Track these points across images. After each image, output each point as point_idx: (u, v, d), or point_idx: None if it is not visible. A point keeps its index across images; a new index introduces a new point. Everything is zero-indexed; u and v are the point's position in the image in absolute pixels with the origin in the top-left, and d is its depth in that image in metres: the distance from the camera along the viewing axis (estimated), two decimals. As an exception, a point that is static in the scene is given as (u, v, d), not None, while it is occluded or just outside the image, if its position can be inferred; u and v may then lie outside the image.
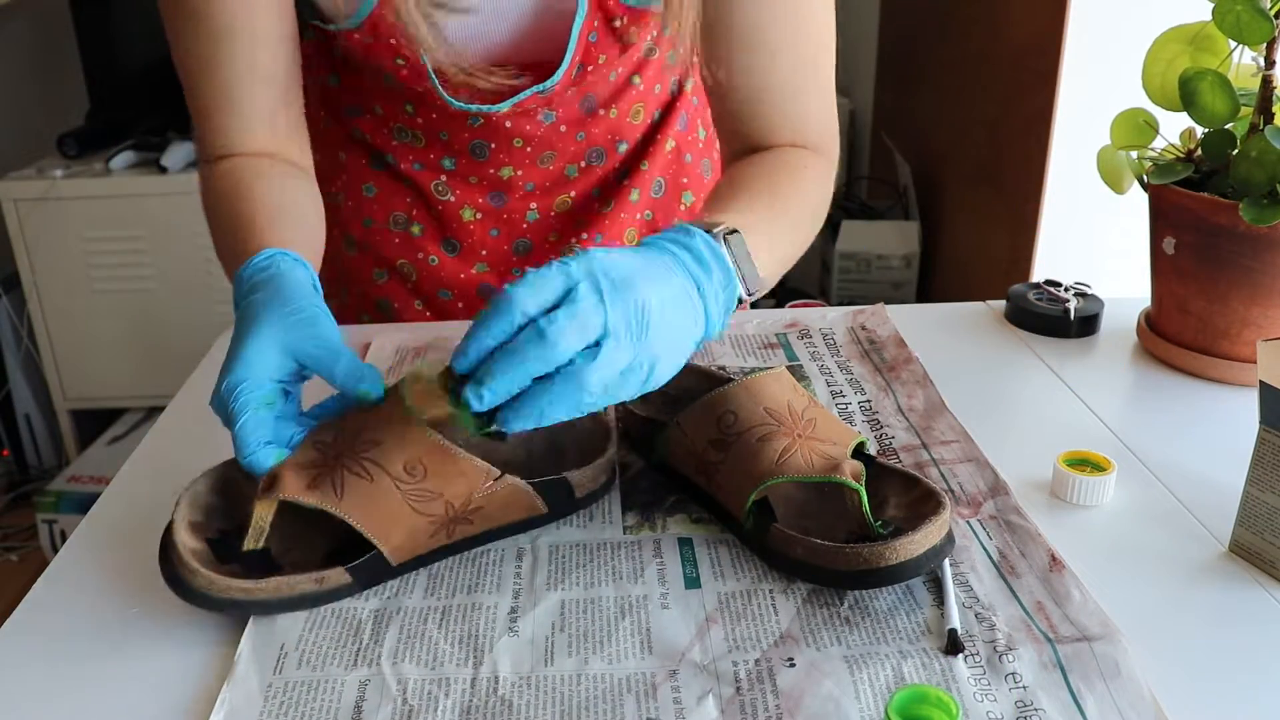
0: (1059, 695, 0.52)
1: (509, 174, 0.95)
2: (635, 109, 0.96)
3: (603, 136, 0.96)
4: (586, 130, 0.94)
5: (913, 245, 2.39)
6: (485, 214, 0.97)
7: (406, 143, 0.94)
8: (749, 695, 0.52)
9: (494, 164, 0.94)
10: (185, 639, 0.58)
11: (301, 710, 0.53)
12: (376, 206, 0.98)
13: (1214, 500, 0.68)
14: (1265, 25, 0.75)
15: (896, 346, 0.88)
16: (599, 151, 0.97)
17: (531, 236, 0.99)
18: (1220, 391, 0.83)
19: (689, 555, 0.63)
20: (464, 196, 0.96)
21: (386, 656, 0.56)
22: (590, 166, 0.97)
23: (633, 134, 0.98)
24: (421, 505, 0.60)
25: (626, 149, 0.99)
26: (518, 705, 0.52)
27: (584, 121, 0.94)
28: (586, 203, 0.99)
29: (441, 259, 0.99)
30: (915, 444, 0.74)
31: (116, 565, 0.64)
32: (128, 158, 2.31)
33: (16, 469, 2.56)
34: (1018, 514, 0.65)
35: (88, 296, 2.33)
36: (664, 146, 1.00)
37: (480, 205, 0.97)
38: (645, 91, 0.96)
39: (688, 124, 1.02)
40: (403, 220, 0.98)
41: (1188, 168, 0.81)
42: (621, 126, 0.97)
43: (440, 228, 0.98)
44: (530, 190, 0.97)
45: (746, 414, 0.65)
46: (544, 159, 0.94)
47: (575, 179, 0.97)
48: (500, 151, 0.93)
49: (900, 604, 0.58)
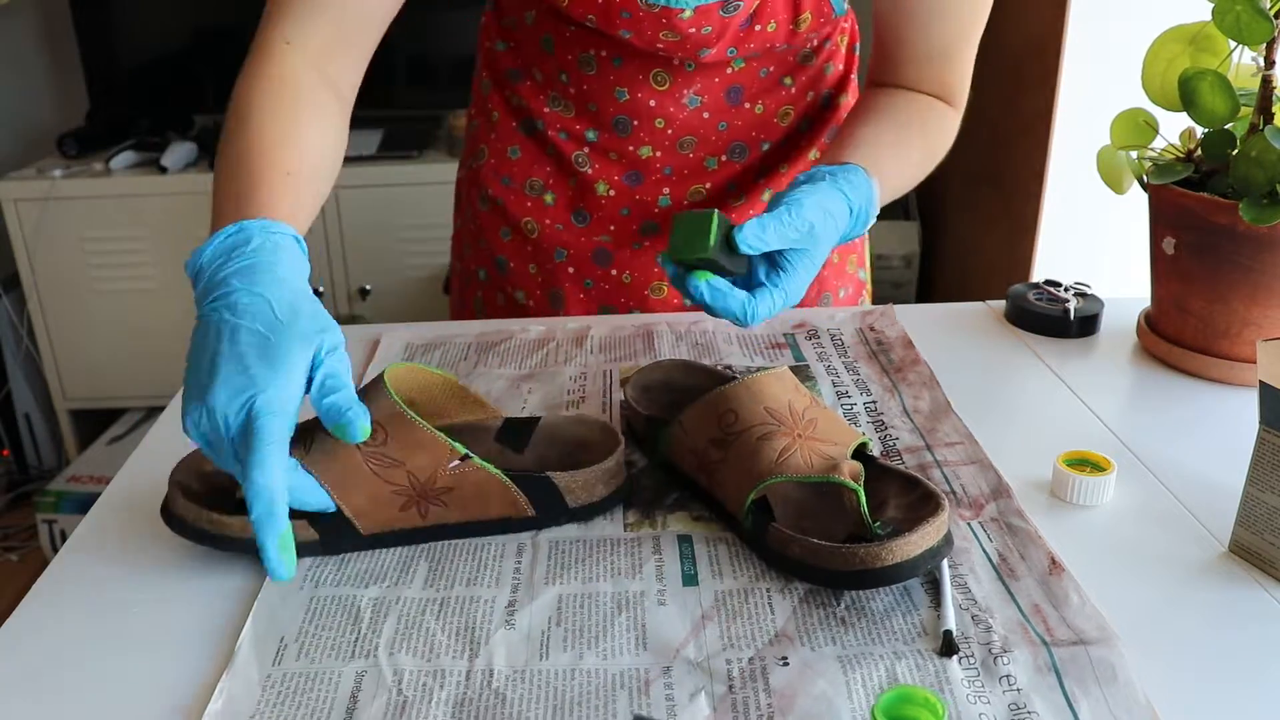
0: (1053, 699, 0.52)
1: (648, 154, 0.96)
2: (784, 110, 0.97)
3: (746, 131, 0.96)
4: (729, 121, 0.95)
5: (913, 245, 2.39)
6: (619, 191, 0.99)
7: (558, 110, 0.97)
8: (741, 693, 0.52)
9: (634, 141, 0.96)
10: (185, 638, 0.58)
11: (298, 701, 0.53)
12: (517, 169, 1.01)
13: (1214, 500, 0.68)
14: (1265, 25, 0.75)
15: (904, 348, 0.88)
16: (741, 147, 0.97)
17: (660, 220, 1.00)
18: (1220, 391, 0.82)
19: (688, 553, 0.63)
20: (602, 170, 0.98)
21: (384, 647, 0.56)
22: (730, 161, 0.98)
23: (778, 134, 0.98)
24: (382, 470, 0.61)
25: (769, 148, 0.99)
26: (511, 699, 0.52)
27: (728, 112, 0.94)
28: (720, 197, 0.99)
29: (567, 226, 1.01)
30: (919, 445, 0.74)
31: (116, 565, 0.64)
32: (128, 158, 2.31)
33: (16, 469, 2.56)
34: (1019, 516, 0.65)
35: (88, 296, 2.33)
36: (807, 154, 1.00)
37: (616, 182, 0.98)
38: (797, 94, 0.97)
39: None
40: (539, 187, 1.01)
41: (1188, 168, 0.81)
42: (768, 125, 0.97)
43: (575, 198, 1.00)
44: (667, 174, 0.98)
45: (747, 413, 0.65)
46: (683, 144, 0.96)
47: (714, 171, 0.98)
48: (642, 129, 0.94)
49: (897, 605, 0.58)
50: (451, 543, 0.65)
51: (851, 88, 1.02)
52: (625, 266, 1.01)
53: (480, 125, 1.04)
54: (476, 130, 1.05)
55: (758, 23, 0.86)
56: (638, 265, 1.00)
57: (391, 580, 0.61)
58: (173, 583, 0.62)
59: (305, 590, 0.61)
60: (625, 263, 1.00)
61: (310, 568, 0.63)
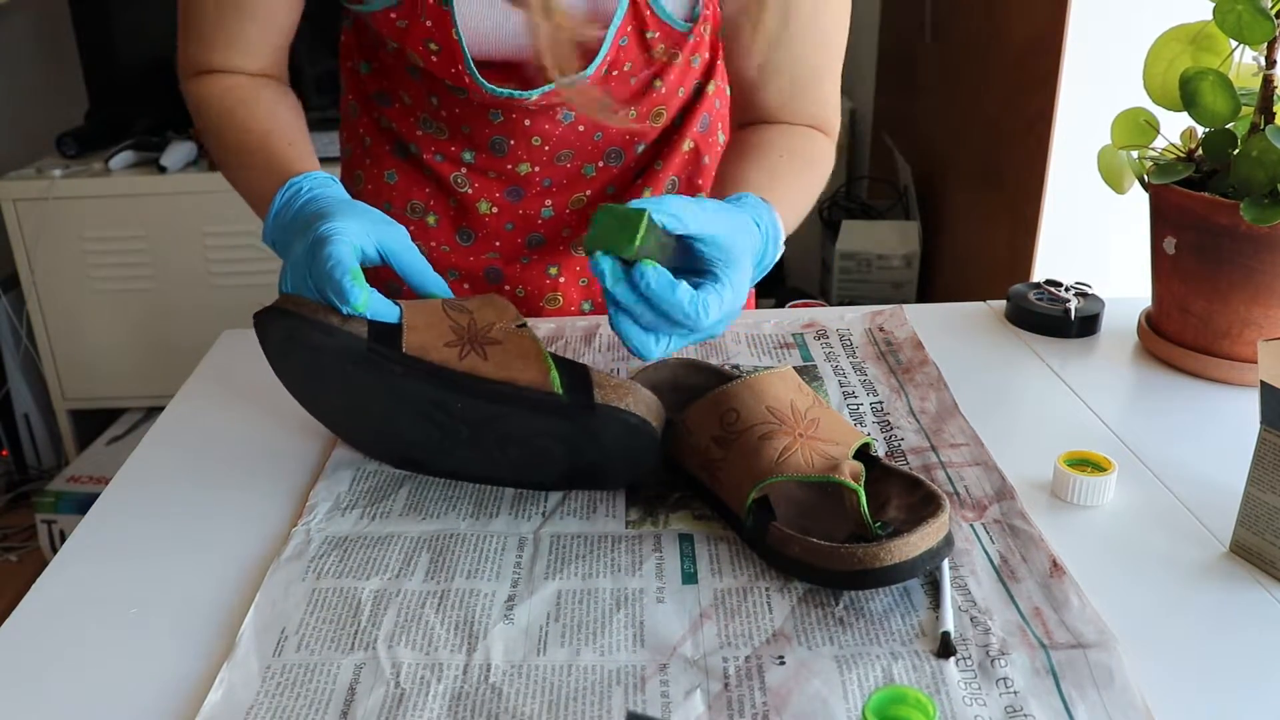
0: (1050, 702, 0.51)
1: (526, 170, 0.96)
2: (656, 111, 0.97)
3: (620, 137, 0.96)
4: (604, 129, 0.95)
5: (913, 245, 2.39)
6: (501, 208, 0.98)
7: (430, 133, 0.96)
8: (736, 692, 0.52)
9: (512, 159, 0.95)
10: (186, 639, 0.58)
11: (297, 692, 0.53)
12: (396, 193, 1.00)
13: (1214, 500, 0.68)
14: (1266, 25, 0.75)
15: (913, 348, 0.88)
16: (617, 152, 0.97)
17: (545, 232, 1.00)
18: (1221, 391, 0.82)
19: (688, 551, 0.63)
20: (482, 189, 0.97)
21: (383, 640, 0.56)
22: (607, 166, 0.98)
23: (652, 134, 0.98)
24: (452, 311, 0.68)
25: (644, 149, 0.99)
26: (507, 693, 0.53)
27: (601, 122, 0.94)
28: (601, 200, 0.99)
29: (454, 247, 1.00)
30: (924, 446, 0.74)
31: (116, 565, 0.64)
32: (127, 158, 2.31)
33: (16, 469, 2.55)
34: (1022, 518, 0.65)
35: (88, 296, 2.32)
36: (681, 147, 1.00)
37: (497, 200, 0.98)
38: (668, 94, 0.96)
39: (709, 126, 1.02)
40: (420, 209, 1.00)
41: (1188, 168, 0.81)
42: (641, 128, 0.97)
43: (456, 218, 1.00)
44: (547, 187, 0.97)
45: (749, 412, 0.65)
46: (561, 157, 0.95)
47: (592, 178, 0.98)
48: (519, 148, 0.94)
49: (896, 605, 0.58)
50: (454, 534, 0.65)
51: (719, 72, 1.02)
52: (517, 281, 1.01)
53: (354, 151, 1.03)
54: (350, 157, 1.04)
55: (614, 69, 0.86)
56: (529, 279, 1.01)
57: (393, 572, 0.62)
58: (173, 583, 0.62)
59: (307, 582, 0.61)
60: (516, 278, 1.01)
61: (313, 559, 0.63)
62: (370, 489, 0.70)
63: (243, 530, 0.67)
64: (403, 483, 0.71)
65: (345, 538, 0.65)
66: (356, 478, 0.72)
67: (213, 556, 0.64)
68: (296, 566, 0.62)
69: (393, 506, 0.69)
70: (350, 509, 0.68)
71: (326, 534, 0.66)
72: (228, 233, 2.29)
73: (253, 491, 0.71)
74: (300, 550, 0.64)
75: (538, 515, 0.67)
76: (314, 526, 0.66)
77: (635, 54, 0.86)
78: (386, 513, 0.68)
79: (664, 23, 0.85)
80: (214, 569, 0.63)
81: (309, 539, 0.65)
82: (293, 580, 0.61)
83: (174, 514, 0.69)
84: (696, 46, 0.97)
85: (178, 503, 0.70)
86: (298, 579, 0.61)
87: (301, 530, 0.66)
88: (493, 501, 0.69)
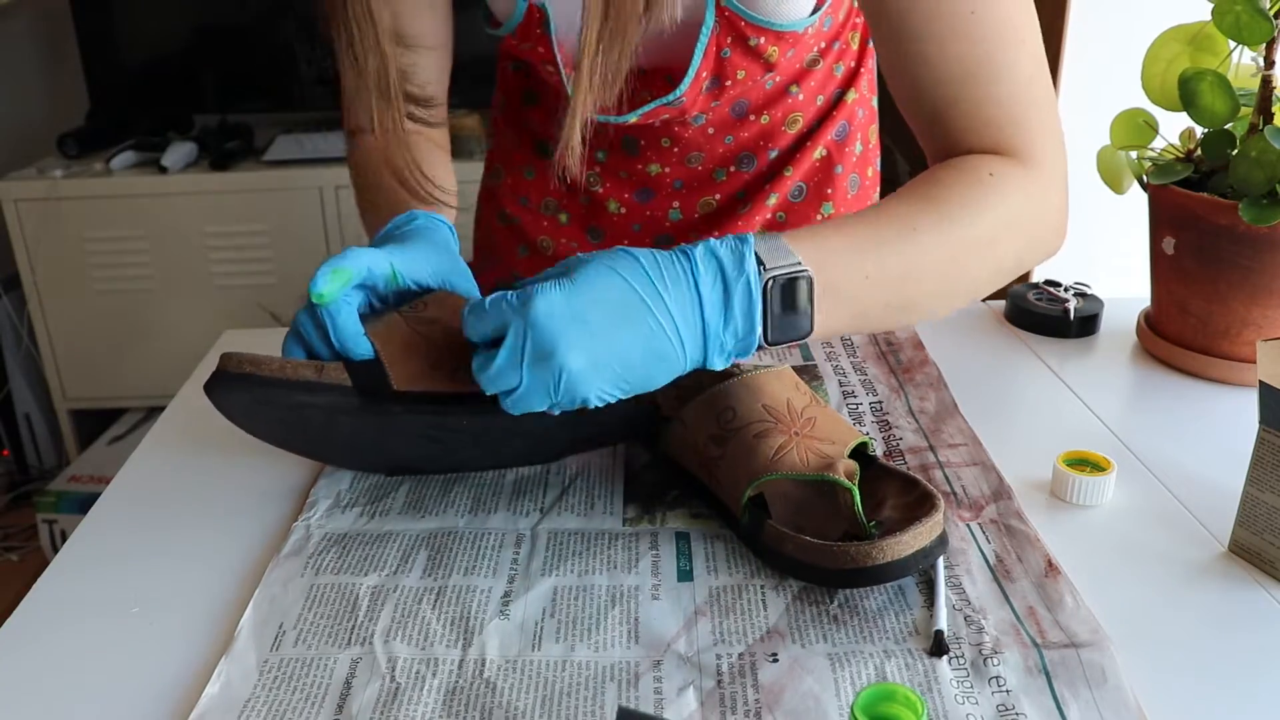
0: (1042, 701, 0.51)
1: (656, 171, 0.97)
2: (792, 117, 0.96)
3: (753, 142, 0.96)
4: (735, 135, 0.95)
5: (914, 247, 2.38)
6: (630, 209, 0.99)
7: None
8: (729, 688, 0.52)
9: (643, 160, 0.96)
10: (186, 634, 0.58)
11: (293, 686, 0.53)
12: (533, 189, 1.03)
13: (1214, 500, 0.68)
14: (1265, 25, 0.75)
15: (914, 348, 0.88)
16: (748, 156, 0.97)
17: (673, 233, 1.00)
18: (1220, 391, 0.82)
19: (684, 549, 0.63)
20: (613, 189, 0.99)
21: (379, 635, 0.56)
22: (739, 171, 0.98)
23: (786, 141, 0.98)
24: (421, 326, 0.65)
25: (777, 155, 0.98)
26: (501, 688, 0.53)
27: (733, 126, 0.94)
28: (730, 204, 0.99)
29: (582, 244, 1.02)
30: (922, 446, 0.74)
31: (116, 565, 0.64)
32: (128, 158, 2.31)
33: (16, 469, 2.56)
34: (1019, 518, 0.65)
35: (88, 296, 2.33)
36: (812, 154, 0.99)
37: (626, 200, 0.99)
38: (805, 101, 0.96)
39: (846, 135, 1.00)
40: (553, 206, 1.02)
41: (1187, 168, 0.81)
42: (774, 133, 0.97)
43: (586, 216, 1.01)
44: (677, 188, 0.98)
45: (745, 410, 0.65)
46: (691, 159, 0.96)
47: (722, 182, 0.98)
48: (649, 149, 0.95)
49: (890, 604, 0.58)
50: (452, 531, 0.65)
51: (861, 83, 1.00)
52: None
53: (498, 143, 1.06)
54: (494, 148, 1.07)
55: (725, 79, 0.86)
56: None
57: (391, 569, 0.62)
58: (174, 581, 0.62)
59: (306, 578, 0.61)
60: None
61: (312, 555, 0.63)
62: (370, 486, 0.71)
63: (243, 528, 0.67)
64: (403, 481, 0.71)
65: (345, 534, 0.65)
66: (357, 475, 0.72)
67: (214, 554, 0.64)
68: (296, 562, 0.63)
69: (392, 504, 0.69)
70: (350, 506, 0.68)
71: (326, 530, 0.66)
72: (228, 233, 2.30)
73: (253, 490, 0.71)
74: (300, 546, 0.64)
75: (535, 512, 0.68)
76: (314, 523, 0.66)
77: (745, 62, 0.85)
78: (386, 510, 0.68)
79: (764, 28, 0.83)
80: (215, 566, 0.63)
81: (309, 535, 0.65)
82: (292, 576, 0.61)
83: (175, 513, 0.69)
84: (841, 54, 0.97)
85: (178, 502, 0.70)
86: (296, 574, 0.61)
87: (301, 526, 0.66)
88: (491, 498, 0.69)
